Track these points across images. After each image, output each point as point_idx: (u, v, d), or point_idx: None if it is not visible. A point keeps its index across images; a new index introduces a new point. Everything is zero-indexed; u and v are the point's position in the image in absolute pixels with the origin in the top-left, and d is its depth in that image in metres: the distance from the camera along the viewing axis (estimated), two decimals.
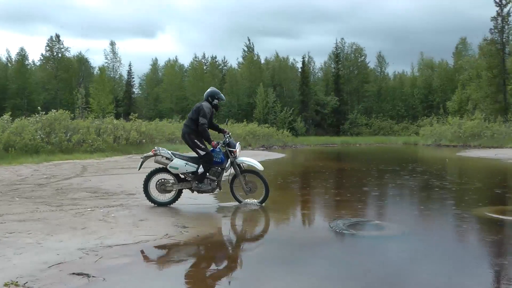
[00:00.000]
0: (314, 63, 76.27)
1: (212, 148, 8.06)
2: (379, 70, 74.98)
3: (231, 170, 8.36)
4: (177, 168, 8.03)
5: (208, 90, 8.46)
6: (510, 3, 46.28)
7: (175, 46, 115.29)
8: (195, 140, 7.98)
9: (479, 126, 38.29)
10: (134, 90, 72.28)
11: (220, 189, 8.32)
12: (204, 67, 70.92)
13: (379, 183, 13.13)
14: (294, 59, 72.18)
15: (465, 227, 7.02)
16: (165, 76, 71.41)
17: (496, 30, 46.93)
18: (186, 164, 8.04)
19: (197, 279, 4.57)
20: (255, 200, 8.43)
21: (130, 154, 22.64)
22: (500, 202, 9.59)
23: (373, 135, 60.25)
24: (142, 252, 5.33)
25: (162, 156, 8.10)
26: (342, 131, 63.90)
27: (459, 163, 21.65)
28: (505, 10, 46.63)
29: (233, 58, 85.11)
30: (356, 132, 63.33)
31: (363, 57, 72.42)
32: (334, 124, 66.54)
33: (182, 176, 8.21)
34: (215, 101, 8.27)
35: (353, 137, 57.07)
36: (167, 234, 6.08)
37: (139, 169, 8.39)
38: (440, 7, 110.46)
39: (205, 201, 8.99)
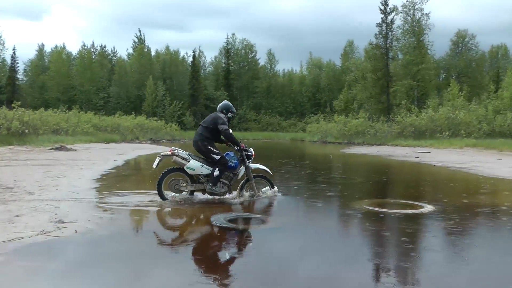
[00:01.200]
0: (205, 58, 76.76)
1: (226, 152, 8.30)
2: (269, 67, 76.43)
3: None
4: (193, 169, 8.06)
5: (223, 103, 8.72)
6: (394, 11, 49.39)
7: (62, 32, 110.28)
8: (209, 147, 8.11)
9: (363, 124, 40.50)
10: (18, 76, 65.78)
11: (230, 193, 8.39)
12: (93, 56, 68.18)
13: None
14: (186, 53, 71.98)
15: (345, 219, 7.20)
16: (52, 64, 67.16)
17: (381, 36, 49.58)
18: (202, 166, 8.10)
19: (71, 277, 4.25)
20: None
21: (11, 145, 21.13)
22: (379, 196, 10.04)
23: (261, 131, 61.48)
24: (15, 250, 4.79)
25: (180, 157, 8.08)
26: (231, 126, 64.08)
27: (342, 159, 22.43)
28: (389, 17, 49.56)
29: (123, 49, 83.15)
30: (245, 127, 64.16)
31: (253, 53, 73.48)
32: None
33: (195, 178, 8.23)
34: (230, 114, 8.53)
35: (241, 132, 57.56)
36: (43, 230, 5.59)
37: (156, 167, 8.27)
38: (329, 10, 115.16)
39: (86, 195, 8.45)
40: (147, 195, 8.67)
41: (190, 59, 69.11)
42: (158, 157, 8.24)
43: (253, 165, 8.66)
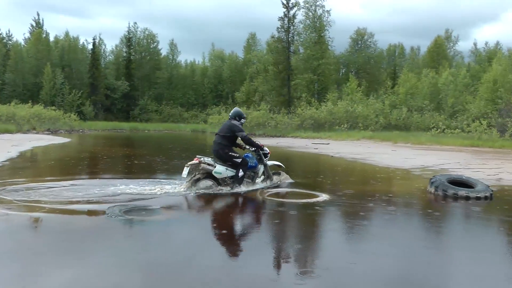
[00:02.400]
0: (106, 46, 73.46)
1: (245, 154, 9.05)
2: (171, 57, 74.87)
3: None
4: (220, 173, 8.59)
5: (234, 110, 9.25)
6: (296, 6, 49.99)
7: None
8: (230, 153, 8.72)
9: (264, 116, 40.70)
10: None
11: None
12: None
13: (159, 169, 12.94)
14: (86, 40, 68.69)
15: (244, 209, 7.38)
16: None
17: (283, 29, 50.09)
18: (226, 169, 8.64)
19: None
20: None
21: None
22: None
23: (162, 122, 60.05)
24: None
25: (206, 163, 8.49)
26: (132, 117, 62.34)
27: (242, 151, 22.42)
28: (291, 12, 50.18)
29: (19, 33, 77.75)
30: (146, 118, 62.35)
31: (155, 43, 71.41)
32: (124, 110, 64.22)
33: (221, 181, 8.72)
34: (242, 120, 9.10)
35: (142, 123, 56.19)
36: None
37: (186, 176, 8.40)
38: (232, 2, 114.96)
39: None
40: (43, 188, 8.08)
41: (90, 46, 65.91)
42: (186, 167, 8.43)
43: (270, 162, 9.60)
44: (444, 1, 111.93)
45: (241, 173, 8.69)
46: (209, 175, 8.57)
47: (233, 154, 8.74)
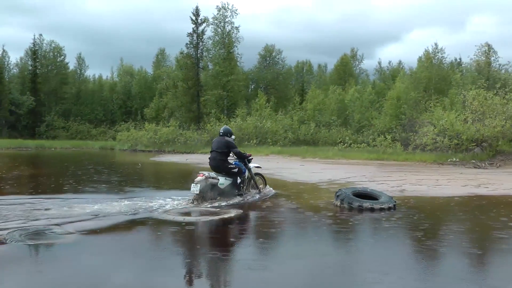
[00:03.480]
0: (9, 58, 69.56)
1: (235, 162, 10.36)
2: (79, 72, 72.14)
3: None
4: (223, 184, 9.94)
5: (225, 128, 10.83)
6: (205, 22, 49.89)
7: None
8: (228, 166, 10.13)
9: (173, 132, 39.97)
10: None
11: (242, 194, 10.26)
12: None
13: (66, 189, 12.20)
14: None
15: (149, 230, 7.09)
16: None
17: (192, 45, 49.79)
18: (226, 179, 9.99)
19: None
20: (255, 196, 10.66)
21: None
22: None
23: (70, 139, 57.39)
24: None
25: (211, 178, 9.71)
26: (38, 134, 59.19)
27: (151, 167, 21.81)
28: (200, 28, 50.00)
29: None
30: (53, 135, 59.28)
31: (62, 56, 68.49)
32: (29, 126, 60.61)
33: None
34: (233, 136, 10.71)
35: (49, 141, 53.28)
36: None
37: (197, 191, 9.26)
38: (141, 16, 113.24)
39: None
40: None
41: None
42: (195, 184, 9.34)
43: (251, 165, 10.97)
44: (350, 20, 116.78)
45: (239, 180, 10.25)
46: (211, 186, 9.72)
47: (230, 166, 10.19)
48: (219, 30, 50.56)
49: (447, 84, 42.00)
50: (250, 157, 10.94)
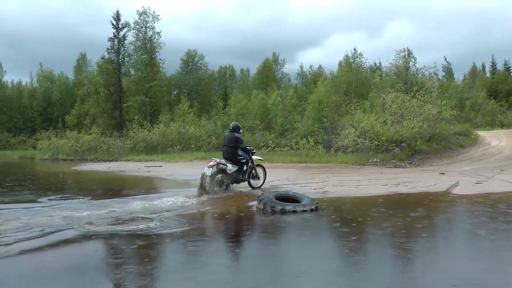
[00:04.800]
0: None
1: (240, 153, 12.56)
2: None
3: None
4: (230, 170, 12.12)
5: (234, 124, 12.95)
6: (127, 27, 49.31)
7: None
8: (238, 157, 12.41)
9: (96, 140, 39.29)
10: None
11: (245, 180, 12.82)
12: None
13: None
14: None
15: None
16: None
17: (113, 51, 49.00)
18: (233, 166, 12.20)
19: None
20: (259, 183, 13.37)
21: None
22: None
23: None
24: None
25: (222, 164, 11.95)
26: None
27: (73, 177, 21.41)
28: (122, 33, 49.31)
29: None
30: None
31: None
32: None
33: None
34: (241, 131, 13.11)
35: None
36: None
37: (210, 174, 11.53)
38: (58, 18, 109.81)
39: None
40: None
41: None
42: (208, 167, 11.68)
43: (254, 157, 13.19)
44: (271, 25, 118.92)
45: (245, 168, 12.66)
46: (221, 171, 11.94)
47: (240, 157, 12.50)
48: (141, 35, 50.07)
49: (367, 88, 43.70)
50: (253, 151, 13.30)
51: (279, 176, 17.01)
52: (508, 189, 12.69)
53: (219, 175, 11.95)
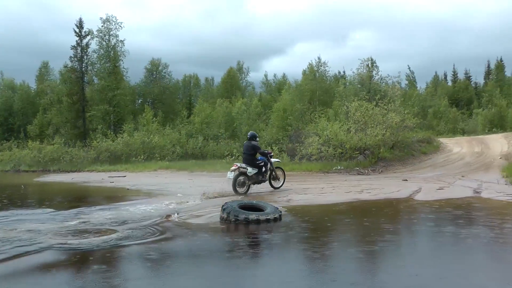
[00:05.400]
0: None
1: (260, 157, 14.71)
2: None
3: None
4: (251, 172, 14.18)
5: (251, 133, 15.09)
6: (90, 35, 48.78)
7: None
8: (256, 161, 14.49)
9: (58, 150, 38.82)
10: None
11: (265, 180, 14.92)
12: None
13: None
14: None
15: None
16: None
17: (76, 59, 48.33)
18: (252, 169, 14.24)
19: None
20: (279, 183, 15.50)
21: None
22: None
23: None
24: None
25: (243, 167, 14.08)
26: None
27: (35, 188, 21.21)
28: (85, 41, 48.74)
29: None
30: None
31: None
32: None
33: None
34: (257, 139, 15.22)
35: None
36: None
37: (232, 177, 13.84)
38: (20, 25, 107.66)
39: None
40: None
41: None
42: (231, 171, 14.05)
43: (273, 160, 15.31)
44: (235, 33, 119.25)
45: (263, 170, 14.63)
46: (242, 173, 14.09)
47: (258, 161, 14.58)
48: (104, 43, 49.31)
49: (331, 96, 44.30)
50: (271, 154, 15.51)
51: None
52: (468, 195, 13.05)
53: (241, 177, 14.17)
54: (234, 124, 44.55)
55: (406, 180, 17.65)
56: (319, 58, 45.25)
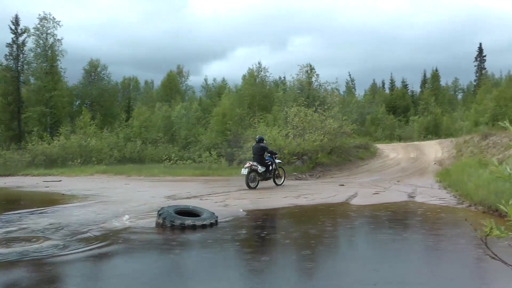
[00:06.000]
0: None
1: (267, 157, 18.06)
2: None
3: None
4: (261, 169, 17.51)
5: (260, 137, 18.55)
6: (26, 33, 47.41)
7: None
8: (264, 160, 17.83)
9: None
10: None
11: (271, 177, 18.36)
12: None
13: None
14: None
15: None
16: None
17: (11, 57, 46.96)
18: (262, 167, 17.53)
19: None
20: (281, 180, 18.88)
21: None
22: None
23: None
24: None
25: (254, 165, 17.36)
26: None
27: None
28: (21, 39, 47.42)
29: None
30: None
31: None
32: None
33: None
34: (265, 141, 19.05)
35: None
36: None
37: (246, 173, 17.08)
38: None
39: None
40: None
41: None
42: (244, 168, 17.15)
43: (277, 161, 18.76)
44: (176, 36, 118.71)
45: (270, 168, 18.04)
46: (254, 170, 17.36)
47: (266, 161, 17.95)
48: (41, 41, 48.12)
49: (271, 101, 44.97)
50: (276, 155, 18.82)
51: (181, 189, 17.09)
52: (403, 199, 13.59)
53: (252, 174, 17.35)
54: (173, 128, 44.51)
55: (343, 185, 18.00)
56: (259, 63, 46.07)
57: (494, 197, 10.03)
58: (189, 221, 8.95)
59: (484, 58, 75.69)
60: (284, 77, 64.44)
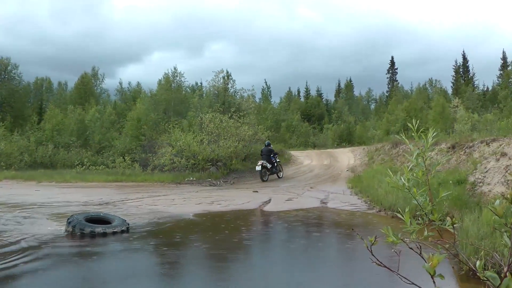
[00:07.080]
0: None
1: (272, 156, 23.33)
2: None
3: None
4: (269, 167, 22.92)
5: (268, 141, 24.72)
6: None
7: None
8: (272, 160, 23.30)
9: None
10: None
11: (276, 172, 23.95)
12: None
13: None
14: None
15: None
16: None
17: None
18: (270, 165, 22.78)
19: None
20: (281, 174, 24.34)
21: None
22: None
23: None
24: None
25: (265, 162, 22.47)
26: None
27: None
28: None
29: None
30: None
31: None
32: None
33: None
34: (271, 145, 24.59)
35: None
36: None
37: (260, 169, 22.65)
38: None
39: None
40: None
41: None
42: (258, 166, 22.59)
43: (278, 159, 23.98)
44: (90, 36, 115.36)
45: (275, 164, 23.33)
46: (264, 167, 22.57)
47: (273, 160, 23.22)
48: None
49: (186, 107, 44.93)
50: (277, 154, 24.42)
51: (93, 196, 16.83)
52: (315, 205, 14.09)
53: (263, 170, 22.75)
54: (86, 132, 43.62)
55: (257, 191, 18.32)
56: (175, 68, 45.59)
57: (402, 202, 10.86)
58: (99, 228, 8.84)
59: (396, 70, 79.76)
60: (201, 83, 64.71)
